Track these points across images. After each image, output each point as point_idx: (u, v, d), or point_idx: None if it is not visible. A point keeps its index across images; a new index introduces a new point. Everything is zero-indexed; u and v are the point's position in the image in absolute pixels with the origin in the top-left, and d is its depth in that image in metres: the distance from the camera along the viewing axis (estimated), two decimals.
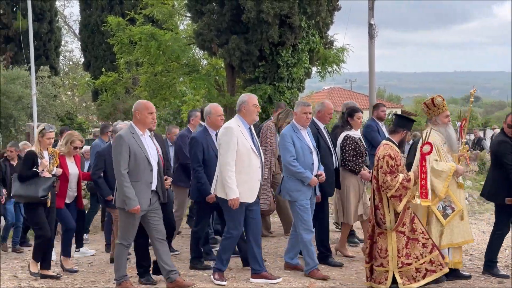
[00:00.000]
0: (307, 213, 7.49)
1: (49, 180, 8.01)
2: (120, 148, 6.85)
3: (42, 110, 23.73)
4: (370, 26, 20.54)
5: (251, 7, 15.90)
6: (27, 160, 8.09)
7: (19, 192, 7.99)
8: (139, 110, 7.03)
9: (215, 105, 8.23)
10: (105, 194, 8.85)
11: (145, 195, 6.93)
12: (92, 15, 31.58)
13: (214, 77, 19.09)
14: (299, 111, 7.64)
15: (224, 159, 7.05)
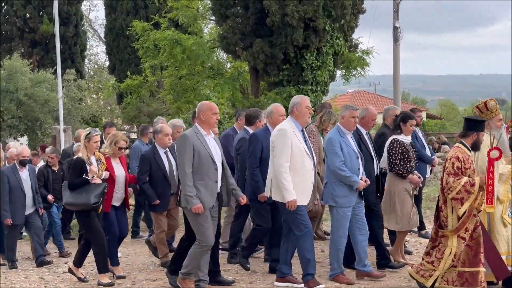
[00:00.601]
0: (346, 220, 7.40)
1: (100, 187, 7.87)
2: (184, 147, 6.84)
3: (68, 113, 23.89)
4: (395, 29, 20.44)
5: (276, 11, 15.91)
6: (76, 168, 7.95)
7: (70, 200, 7.85)
8: (203, 111, 7.03)
9: (277, 105, 8.14)
10: (151, 199, 8.54)
11: (211, 193, 6.91)
12: (117, 19, 31.79)
13: (239, 81, 19.13)
14: (347, 115, 7.54)
15: (278, 161, 6.97)
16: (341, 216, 7.39)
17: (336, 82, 19.92)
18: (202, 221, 6.87)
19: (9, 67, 22.95)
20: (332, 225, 7.60)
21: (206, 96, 20.84)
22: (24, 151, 9.98)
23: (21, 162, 9.85)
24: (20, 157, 9.85)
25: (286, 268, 7.38)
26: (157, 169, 8.51)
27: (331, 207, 7.54)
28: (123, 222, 8.54)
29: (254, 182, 7.78)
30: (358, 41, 18.82)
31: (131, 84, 21.54)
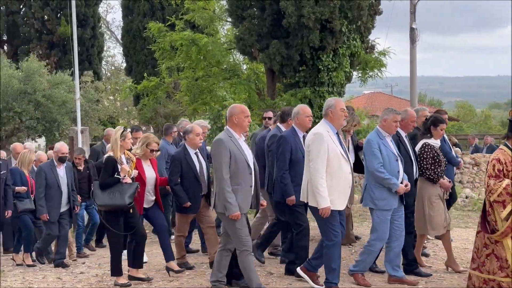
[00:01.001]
0: (385, 224, 7.29)
1: (133, 186, 7.78)
2: (220, 152, 6.74)
3: (85, 114, 24.05)
4: (411, 30, 20.39)
5: (292, 12, 15.91)
6: (108, 167, 7.81)
7: (104, 201, 7.70)
8: (236, 115, 6.93)
9: (303, 106, 8.05)
10: (183, 201, 8.39)
11: (247, 199, 6.85)
12: (134, 20, 31.98)
13: (255, 82, 19.15)
14: (390, 119, 7.44)
15: (314, 166, 6.86)
16: (380, 219, 7.28)
17: (352, 84, 19.85)
18: (240, 226, 6.80)
19: (27, 69, 23.14)
20: (372, 227, 7.51)
21: (222, 97, 20.89)
22: (63, 148, 9.83)
23: (60, 158, 9.73)
24: (59, 154, 9.71)
25: (316, 263, 7.33)
26: (188, 170, 8.38)
27: (371, 210, 7.45)
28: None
29: (283, 185, 7.67)
30: (375, 42, 18.77)
31: (147, 86, 21.62)
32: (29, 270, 9.47)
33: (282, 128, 8.46)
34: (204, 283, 7.81)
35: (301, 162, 7.43)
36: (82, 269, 9.30)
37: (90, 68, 31.53)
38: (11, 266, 10.02)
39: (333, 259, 7.03)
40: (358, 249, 8.85)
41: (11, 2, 33.10)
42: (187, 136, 8.53)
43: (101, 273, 8.92)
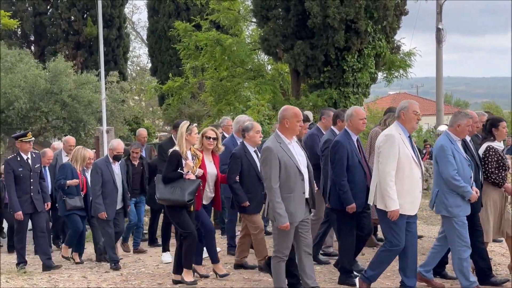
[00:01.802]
0: (465, 229, 7.01)
1: (195, 183, 7.60)
2: (270, 161, 6.44)
3: (111, 114, 24.23)
4: (438, 31, 20.24)
5: (317, 12, 15.87)
6: (172, 161, 7.63)
7: (165, 195, 7.56)
8: (288, 118, 6.58)
9: (357, 108, 7.77)
10: (241, 200, 8.10)
11: (300, 207, 6.56)
12: (159, 21, 32.17)
13: (279, 82, 19.15)
14: (464, 123, 7.11)
15: (384, 168, 6.65)
16: (459, 225, 6.98)
17: (377, 84, 19.79)
18: (285, 236, 6.58)
19: (54, 69, 23.37)
20: (448, 236, 7.18)
21: (246, 98, 20.93)
22: (119, 146, 9.66)
23: (115, 157, 9.58)
24: (115, 152, 9.57)
25: (371, 274, 7.05)
26: (249, 168, 8.13)
27: (444, 217, 7.15)
28: None
29: (342, 193, 7.31)
30: (400, 43, 18.67)
31: (172, 86, 21.73)
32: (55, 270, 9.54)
33: (336, 131, 8.22)
34: None
35: (358, 167, 7.32)
36: (107, 268, 9.35)
37: (116, 69, 31.76)
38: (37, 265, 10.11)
39: (383, 263, 6.94)
40: None
41: (38, 3, 33.48)
42: (246, 133, 8.24)
43: (126, 272, 8.96)
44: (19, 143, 9.52)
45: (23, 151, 9.48)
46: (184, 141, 7.66)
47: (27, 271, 9.07)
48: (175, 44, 21.52)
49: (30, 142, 9.51)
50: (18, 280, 8.13)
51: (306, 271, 6.70)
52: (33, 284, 8.01)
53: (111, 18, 33.37)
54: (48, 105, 22.71)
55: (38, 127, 23.94)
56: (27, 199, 9.41)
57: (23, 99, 22.16)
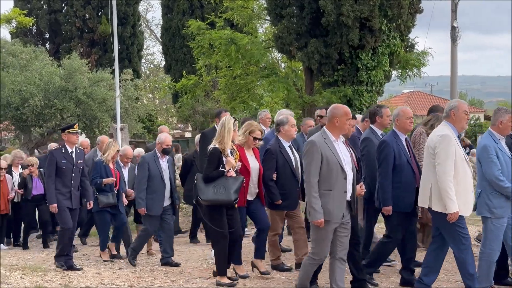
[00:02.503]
0: (501, 232, 6.83)
1: (238, 181, 7.34)
2: (311, 155, 6.29)
3: (125, 112, 24.29)
4: (452, 29, 20.09)
5: (331, 10, 15.84)
6: (213, 159, 7.34)
7: (209, 196, 7.26)
8: (338, 117, 6.41)
9: (404, 107, 7.62)
10: (275, 198, 7.85)
11: (340, 206, 6.36)
12: (173, 19, 32.22)
13: (293, 80, 19.13)
14: (506, 120, 6.92)
15: (443, 169, 6.46)
16: (497, 227, 6.79)
17: (391, 83, 19.72)
18: (323, 236, 6.37)
19: (69, 67, 23.46)
20: (485, 237, 6.95)
21: (260, 96, 20.94)
22: (168, 140, 9.29)
23: (164, 150, 9.23)
24: (164, 146, 9.20)
25: (428, 280, 6.86)
26: (284, 164, 7.89)
27: (485, 218, 6.90)
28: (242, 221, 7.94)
29: (383, 193, 7.22)
30: (415, 41, 18.58)
31: (186, 84, 21.77)
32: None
33: (375, 129, 8.05)
34: None
35: (406, 167, 7.18)
36: (121, 265, 9.39)
37: (130, 66, 31.84)
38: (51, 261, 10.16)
39: (469, 264, 6.63)
40: None
41: (54, 0, 33.67)
42: (282, 127, 8.01)
43: (139, 269, 9.00)
44: (65, 134, 9.19)
45: (69, 143, 9.17)
46: (229, 137, 7.41)
47: (42, 267, 9.12)
48: (189, 42, 21.55)
49: (76, 134, 9.22)
50: (33, 276, 8.19)
51: (336, 279, 6.51)
52: (47, 280, 8.06)
53: (125, 16, 33.49)
54: (63, 103, 22.80)
55: (52, 124, 24.04)
56: (66, 193, 9.10)
57: (38, 96, 22.26)
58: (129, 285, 7.95)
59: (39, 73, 23.25)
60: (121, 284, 8.00)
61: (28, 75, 23.07)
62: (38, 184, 11.98)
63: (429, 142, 6.73)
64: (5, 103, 22.41)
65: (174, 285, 7.87)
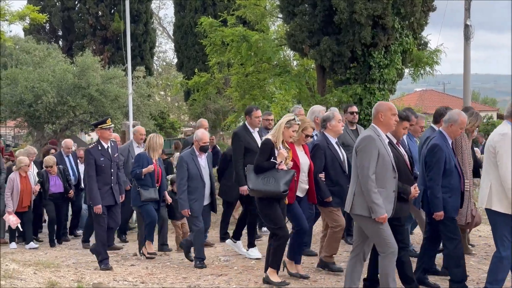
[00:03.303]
0: None
1: (289, 173, 7.20)
2: (369, 151, 6.19)
3: (137, 109, 24.39)
4: (466, 27, 20.01)
5: (344, 8, 15.81)
6: (265, 150, 7.27)
7: (258, 186, 7.13)
8: (382, 112, 6.39)
9: (463, 116, 7.28)
10: (325, 195, 7.70)
11: (390, 205, 6.26)
12: (185, 16, 32.28)
13: (305, 78, 19.11)
14: None
15: (507, 168, 6.25)
16: None
17: (403, 81, 19.64)
18: (384, 228, 6.23)
19: (82, 64, 23.57)
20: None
21: (271, 93, 20.92)
22: (205, 137, 9.02)
23: (201, 148, 8.95)
24: (201, 143, 8.92)
25: None
26: (332, 160, 7.79)
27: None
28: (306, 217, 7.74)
29: (434, 198, 6.94)
30: (427, 39, 18.51)
31: (198, 81, 21.80)
32: (81, 261, 9.65)
33: (436, 129, 7.78)
34: None
35: (455, 171, 6.99)
36: (133, 262, 9.43)
37: (142, 64, 31.98)
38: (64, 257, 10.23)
39: (501, 271, 6.43)
40: None
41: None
42: (328, 123, 7.88)
43: (151, 265, 9.03)
44: (99, 130, 8.94)
45: (104, 139, 8.92)
46: (281, 133, 7.33)
47: (54, 263, 9.17)
48: (201, 40, 21.58)
49: (110, 129, 8.97)
50: (46, 272, 8.23)
51: (355, 278, 6.47)
52: (60, 276, 8.09)
53: (138, 14, 33.59)
54: (76, 100, 22.91)
55: (65, 121, 24.17)
56: (108, 190, 8.86)
57: (51, 93, 22.38)
58: (141, 281, 7.98)
59: (52, 70, 23.38)
60: (133, 280, 8.03)
61: (41, 72, 23.20)
62: (57, 182, 11.91)
63: (489, 141, 6.56)
64: (19, 100, 22.54)
65: (185, 282, 7.89)
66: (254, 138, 9.11)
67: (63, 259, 9.91)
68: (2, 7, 16.74)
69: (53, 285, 7.36)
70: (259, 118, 9.30)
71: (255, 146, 8.88)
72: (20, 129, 30.47)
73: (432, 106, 45.73)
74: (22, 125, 27.32)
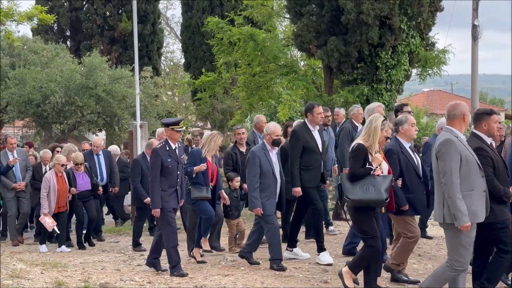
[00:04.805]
0: None
1: (387, 179, 6.79)
2: (450, 155, 5.89)
3: (144, 109, 24.46)
4: (473, 27, 19.94)
5: (351, 8, 15.79)
6: (359, 156, 6.82)
7: (358, 196, 6.68)
8: (466, 114, 6.13)
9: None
10: (402, 203, 7.18)
11: (482, 206, 5.95)
12: (193, 17, 32.32)
13: (312, 78, 19.09)
14: None
15: None
16: None
17: (411, 81, 19.59)
18: (468, 242, 5.91)
19: (89, 64, 23.65)
20: None
21: (278, 93, 20.92)
22: (277, 129, 8.60)
23: (274, 142, 8.53)
24: (274, 137, 8.52)
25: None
26: (407, 165, 7.33)
27: None
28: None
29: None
30: (435, 40, 18.45)
31: (205, 81, 21.82)
32: (88, 261, 9.67)
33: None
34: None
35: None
36: (140, 262, 9.45)
37: (150, 64, 32.04)
38: (71, 257, 10.25)
39: None
40: None
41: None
42: (400, 127, 7.44)
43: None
44: (169, 131, 8.47)
45: (172, 140, 8.45)
46: (376, 136, 6.86)
47: (61, 262, 9.21)
48: (208, 40, 21.59)
49: (180, 132, 8.53)
50: (53, 271, 8.26)
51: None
52: (67, 275, 8.13)
53: (145, 14, 33.63)
54: (83, 100, 22.99)
55: (73, 121, 24.25)
56: (173, 193, 8.44)
57: (59, 93, 22.47)
58: (148, 281, 8.00)
59: (60, 70, 23.47)
60: (140, 280, 8.05)
61: (49, 72, 23.29)
62: (85, 178, 11.42)
63: None
64: (27, 100, 22.63)
65: (192, 282, 7.90)
66: (314, 137, 8.83)
67: (70, 259, 9.93)
68: (10, 8, 16.79)
69: (60, 285, 7.39)
70: (321, 115, 9.01)
71: (314, 146, 8.73)
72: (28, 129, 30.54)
73: (440, 107, 45.58)
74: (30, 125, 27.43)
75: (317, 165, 8.84)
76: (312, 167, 8.78)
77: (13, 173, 11.96)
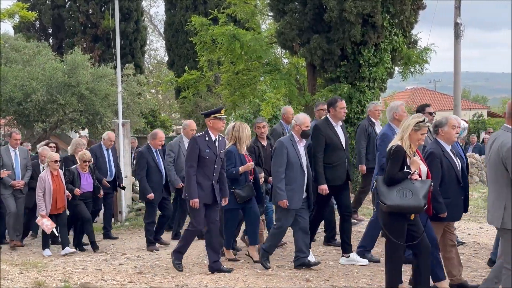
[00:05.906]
0: None
1: (426, 184, 6.47)
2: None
3: (127, 107, 24.31)
4: (456, 25, 20.09)
5: (334, 6, 15.80)
6: (397, 159, 6.48)
7: (396, 202, 6.34)
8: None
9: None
10: (441, 210, 6.90)
11: None
12: (176, 14, 32.23)
13: (295, 76, 19.10)
14: None
15: None
16: None
17: (395, 79, 19.65)
18: None
19: (72, 62, 23.44)
20: None
21: (262, 91, 20.92)
22: (307, 120, 8.31)
23: (303, 133, 8.24)
24: (303, 127, 8.20)
25: None
26: (448, 169, 7.00)
27: None
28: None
29: None
30: (418, 38, 18.51)
31: (188, 79, 21.77)
32: (69, 261, 9.60)
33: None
34: None
35: None
36: (122, 261, 9.39)
37: (133, 62, 31.86)
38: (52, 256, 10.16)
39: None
40: None
41: None
42: (440, 129, 7.14)
43: (140, 265, 8.99)
44: (211, 120, 8.12)
45: (214, 130, 8.13)
46: (407, 136, 6.57)
47: (42, 262, 9.13)
48: (192, 38, 21.54)
49: (223, 120, 8.15)
50: (33, 271, 8.20)
51: None
52: (47, 275, 8.06)
53: (128, 11, 33.45)
54: (66, 98, 22.78)
55: (55, 119, 24.03)
56: (208, 187, 8.09)
57: (40, 91, 22.25)
58: (130, 280, 7.96)
59: (42, 68, 23.24)
60: (121, 280, 8.01)
61: (31, 70, 23.06)
62: (89, 179, 11.09)
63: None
64: (8, 98, 22.40)
65: (174, 281, 7.86)
66: (336, 133, 8.63)
67: (50, 259, 9.86)
68: None
69: (40, 285, 7.33)
70: (344, 109, 8.80)
71: (337, 142, 8.56)
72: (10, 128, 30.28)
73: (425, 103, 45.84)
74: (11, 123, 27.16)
75: (341, 162, 8.63)
76: (335, 163, 8.59)
77: (13, 171, 11.45)
